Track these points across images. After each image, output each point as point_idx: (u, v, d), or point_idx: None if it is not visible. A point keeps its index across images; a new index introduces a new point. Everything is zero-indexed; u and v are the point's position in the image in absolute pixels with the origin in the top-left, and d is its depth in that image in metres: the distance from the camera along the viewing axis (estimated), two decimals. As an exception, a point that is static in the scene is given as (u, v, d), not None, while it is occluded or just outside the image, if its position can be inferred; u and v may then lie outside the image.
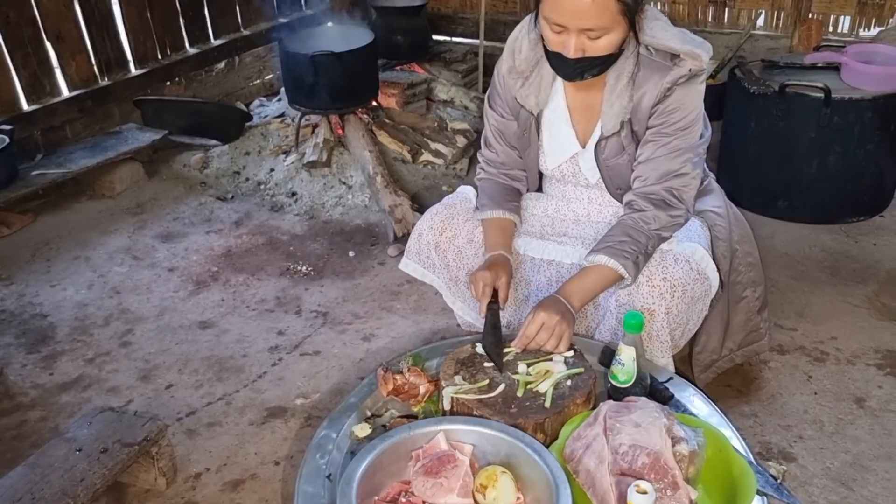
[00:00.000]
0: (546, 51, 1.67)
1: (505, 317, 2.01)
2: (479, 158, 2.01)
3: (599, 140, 1.78)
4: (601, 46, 1.60)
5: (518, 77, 1.82)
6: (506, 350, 1.65)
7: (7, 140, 3.06)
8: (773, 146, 2.98)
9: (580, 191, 1.94)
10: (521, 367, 1.61)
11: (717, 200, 1.97)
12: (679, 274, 1.71)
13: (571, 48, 1.59)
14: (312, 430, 1.93)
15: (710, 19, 4.35)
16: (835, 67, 2.97)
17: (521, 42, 1.80)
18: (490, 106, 1.93)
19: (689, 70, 1.67)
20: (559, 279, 1.88)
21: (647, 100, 1.69)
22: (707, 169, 2.03)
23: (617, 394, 1.57)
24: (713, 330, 1.94)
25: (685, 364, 2.02)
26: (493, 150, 1.97)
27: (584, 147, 1.84)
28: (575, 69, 1.64)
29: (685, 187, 1.74)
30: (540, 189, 2.05)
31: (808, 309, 2.52)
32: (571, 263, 1.89)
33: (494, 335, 1.67)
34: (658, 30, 1.68)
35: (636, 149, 1.76)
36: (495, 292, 1.75)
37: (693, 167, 1.74)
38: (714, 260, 1.85)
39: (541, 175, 2.00)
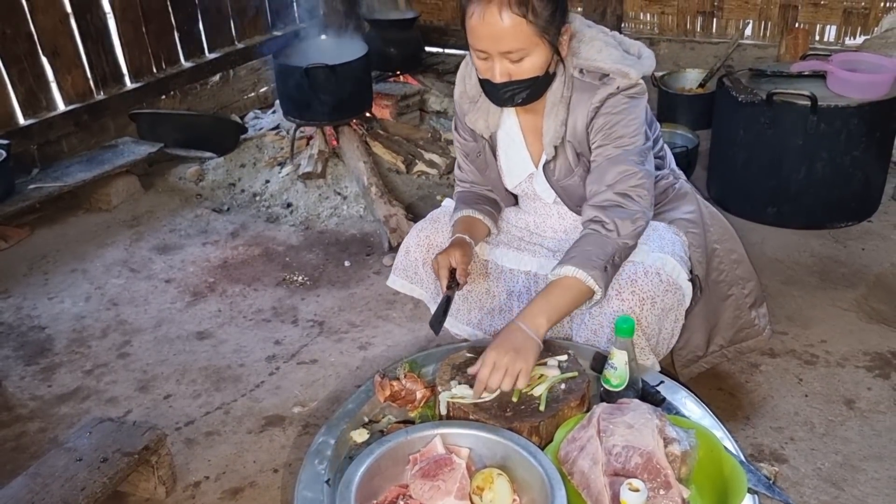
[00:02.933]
0: (479, 79, 1.72)
1: (491, 325, 2.04)
2: (455, 177, 2.08)
3: (547, 162, 1.83)
4: (525, 69, 1.64)
5: (469, 102, 1.89)
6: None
7: (4, 154, 3.08)
8: (761, 153, 3.02)
9: (549, 206, 1.98)
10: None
11: (689, 205, 1.97)
12: (649, 286, 1.72)
13: (497, 73, 1.64)
14: (310, 438, 1.96)
15: (698, 29, 4.42)
16: (821, 76, 3.01)
17: (470, 69, 1.86)
18: (455, 128, 2.00)
19: (617, 88, 1.70)
20: (536, 288, 1.92)
21: (580, 121, 1.73)
22: (677, 170, 2.05)
23: (610, 398, 1.59)
24: (696, 327, 1.97)
25: (672, 367, 2.05)
26: (462, 170, 2.04)
27: (537, 168, 1.89)
28: (503, 93, 1.68)
29: (637, 188, 1.72)
30: (517, 204, 2.10)
31: (799, 313, 2.55)
32: (546, 273, 1.92)
33: (442, 311, 1.78)
34: (593, 51, 1.72)
35: (585, 170, 1.80)
36: (455, 273, 1.81)
37: (638, 166, 1.72)
38: (691, 265, 1.88)
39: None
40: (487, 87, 1.71)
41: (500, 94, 1.69)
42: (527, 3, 1.56)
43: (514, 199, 2.08)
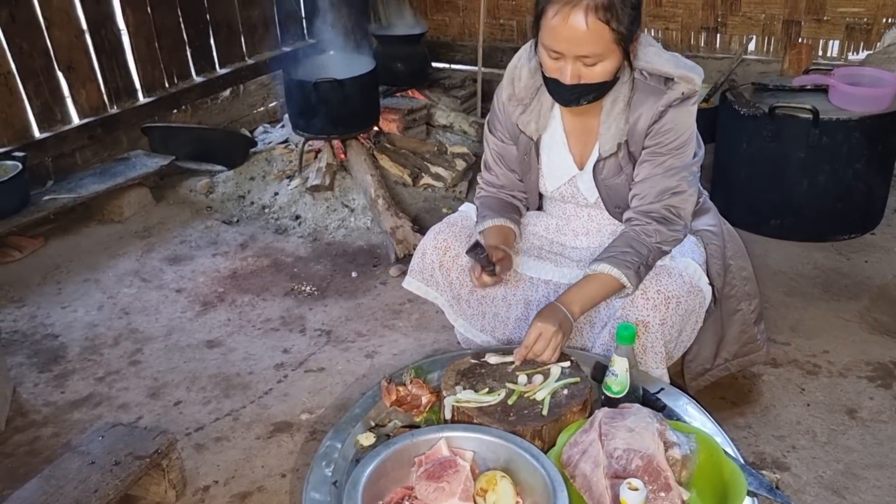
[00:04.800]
0: (544, 77, 1.74)
1: (505, 333, 2.07)
2: (479, 181, 2.08)
3: (598, 161, 1.85)
4: (597, 73, 1.67)
5: (518, 104, 1.89)
6: (507, 361, 1.71)
7: (20, 167, 3.14)
8: (764, 166, 3.05)
9: (580, 209, 2.01)
10: (522, 378, 1.67)
11: (711, 219, 2.04)
12: (673, 287, 1.77)
13: (568, 75, 1.66)
14: (317, 444, 1.97)
15: (702, 44, 4.46)
16: (823, 90, 3.05)
17: (520, 70, 1.87)
18: (490, 131, 2.00)
19: (682, 93, 1.74)
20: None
21: (642, 122, 1.77)
22: (702, 188, 2.10)
23: (611, 404, 1.62)
24: (705, 340, 2.00)
25: (681, 378, 2.07)
26: (493, 173, 2.04)
27: (581, 169, 1.91)
28: (571, 94, 1.71)
29: (683, 204, 1.81)
30: (540, 208, 2.12)
31: (801, 324, 2.57)
32: (568, 283, 1.94)
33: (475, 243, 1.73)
34: (652, 55, 1.76)
35: (633, 168, 1.83)
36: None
37: (689, 185, 1.81)
38: (709, 276, 1.91)
39: (541, 195, 2.08)
40: (553, 85, 1.72)
41: (567, 94, 1.71)
42: (612, 9, 1.58)
43: (538, 203, 2.10)
